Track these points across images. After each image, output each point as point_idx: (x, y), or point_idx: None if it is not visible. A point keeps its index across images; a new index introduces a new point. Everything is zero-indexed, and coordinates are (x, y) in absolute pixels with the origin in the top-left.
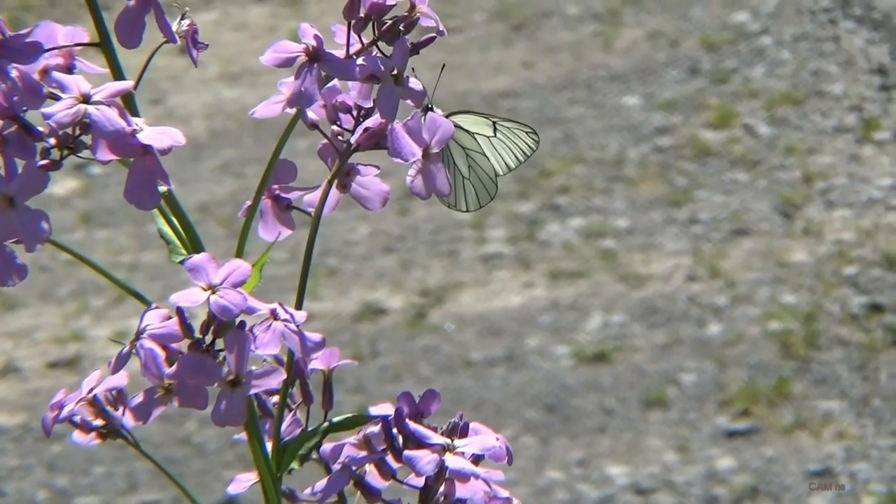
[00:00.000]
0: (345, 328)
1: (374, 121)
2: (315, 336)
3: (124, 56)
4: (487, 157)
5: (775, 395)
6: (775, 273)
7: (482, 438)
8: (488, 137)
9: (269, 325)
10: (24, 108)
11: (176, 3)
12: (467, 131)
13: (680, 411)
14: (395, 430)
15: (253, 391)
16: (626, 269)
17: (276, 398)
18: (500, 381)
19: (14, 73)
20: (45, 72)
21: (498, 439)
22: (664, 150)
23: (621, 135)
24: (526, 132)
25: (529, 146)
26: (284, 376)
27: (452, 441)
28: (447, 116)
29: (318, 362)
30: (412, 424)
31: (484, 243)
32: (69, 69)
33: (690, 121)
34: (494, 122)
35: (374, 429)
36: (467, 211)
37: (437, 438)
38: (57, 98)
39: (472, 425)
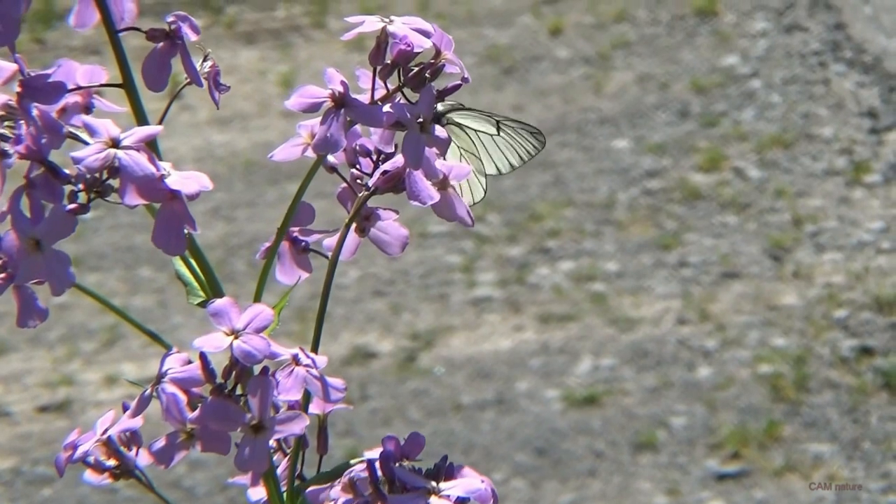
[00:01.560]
0: (335, 372)
1: (392, 164)
2: (338, 382)
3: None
4: (481, 160)
5: (765, 438)
6: (765, 316)
7: (467, 481)
8: (491, 136)
9: (292, 371)
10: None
11: (199, 44)
12: (466, 131)
13: (670, 454)
14: (380, 474)
15: (276, 437)
16: (616, 312)
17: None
18: (490, 425)
19: (35, 113)
20: (64, 110)
21: (483, 482)
22: (654, 194)
23: (611, 178)
24: (530, 132)
25: (534, 146)
26: (307, 422)
27: (437, 484)
28: (448, 112)
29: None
30: (397, 468)
31: (474, 287)
32: (88, 108)
33: (680, 164)
34: (498, 122)
35: (360, 472)
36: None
37: (423, 481)
38: (76, 138)
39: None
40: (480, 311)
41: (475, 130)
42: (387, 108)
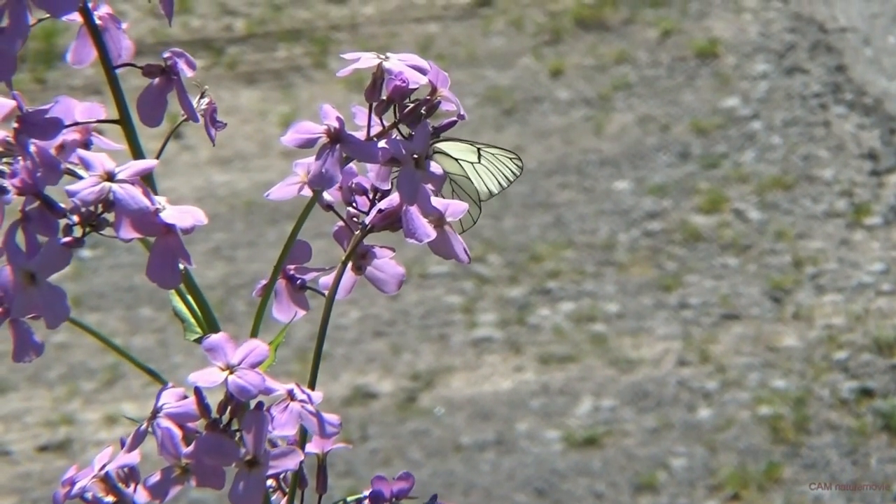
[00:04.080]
0: (335, 412)
1: (388, 202)
2: (333, 418)
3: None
4: (471, 181)
5: (765, 480)
6: (765, 358)
7: None
8: (472, 164)
9: (287, 406)
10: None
11: (196, 82)
12: (451, 157)
13: (670, 496)
14: None
15: (271, 472)
16: (617, 353)
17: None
18: (490, 466)
19: (32, 149)
20: (62, 147)
21: None
22: (654, 235)
23: (612, 219)
24: (510, 158)
25: (513, 171)
26: (302, 457)
27: None
28: (432, 144)
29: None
30: None
31: (474, 328)
32: (86, 145)
33: (681, 205)
34: (479, 149)
35: None
36: None
37: None
38: (74, 174)
39: None
40: (481, 352)
41: (457, 159)
42: (382, 143)
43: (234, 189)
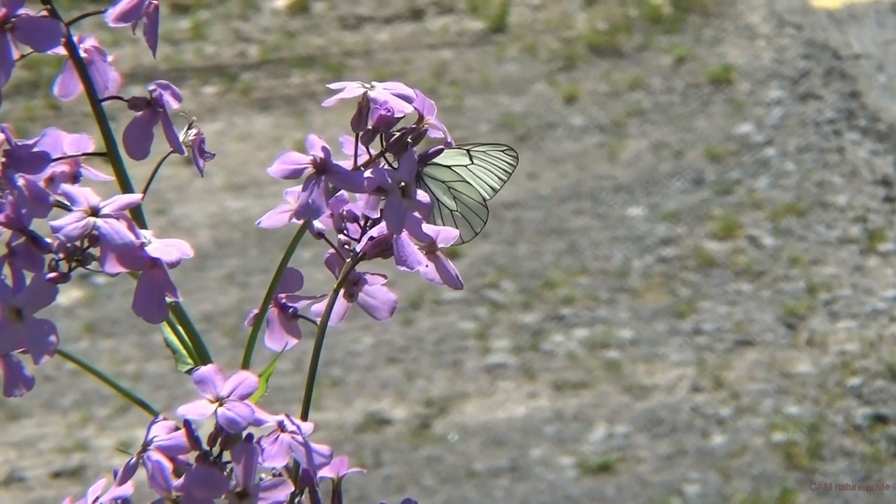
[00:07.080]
0: (348, 439)
1: (379, 230)
2: (323, 448)
3: (128, 165)
4: (470, 184)
5: None
6: (779, 384)
7: None
8: (465, 166)
9: (277, 438)
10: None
11: (182, 112)
12: (443, 165)
13: None
14: None
15: (261, 503)
16: (630, 379)
17: None
18: (503, 492)
19: (20, 182)
20: (51, 179)
21: None
22: (668, 261)
23: (626, 245)
24: (502, 151)
25: (509, 163)
26: (292, 488)
27: None
28: (420, 156)
29: (327, 470)
30: None
31: (488, 354)
32: (75, 177)
33: (694, 232)
34: (468, 150)
35: None
36: (464, 242)
37: None
38: (63, 207)
39: None
40: (494, 378)
41: (449, 166)
42: (368, 173)
43: (247, 215)
